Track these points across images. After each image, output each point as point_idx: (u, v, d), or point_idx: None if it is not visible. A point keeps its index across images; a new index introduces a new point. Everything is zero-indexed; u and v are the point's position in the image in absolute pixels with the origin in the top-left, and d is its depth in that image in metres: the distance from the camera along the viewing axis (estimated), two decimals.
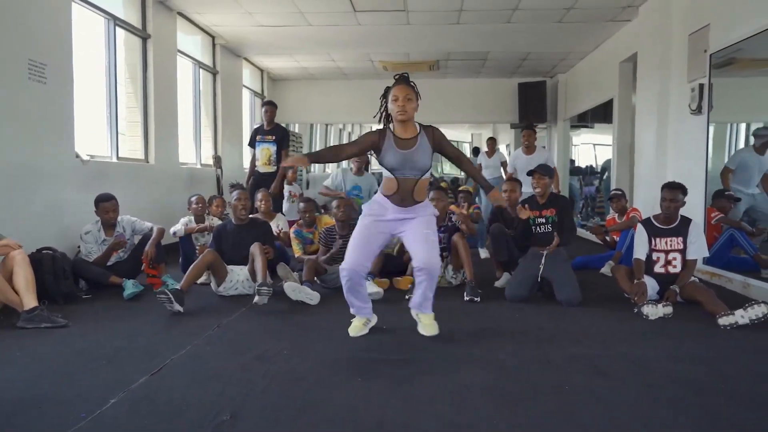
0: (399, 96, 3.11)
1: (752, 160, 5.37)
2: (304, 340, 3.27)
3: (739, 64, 5.34)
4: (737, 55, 5.11)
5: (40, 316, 3.48)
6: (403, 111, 3.10)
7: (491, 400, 2.38)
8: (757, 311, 3.53)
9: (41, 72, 4.56)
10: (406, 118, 3.13)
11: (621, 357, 2.99)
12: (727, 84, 5.44)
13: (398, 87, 3.14)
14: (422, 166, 3.17)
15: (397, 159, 3.14)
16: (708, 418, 2.22)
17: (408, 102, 3.11)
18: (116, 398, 2.37)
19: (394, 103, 3.13)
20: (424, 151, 3.17)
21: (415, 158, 3.14)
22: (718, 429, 2.13)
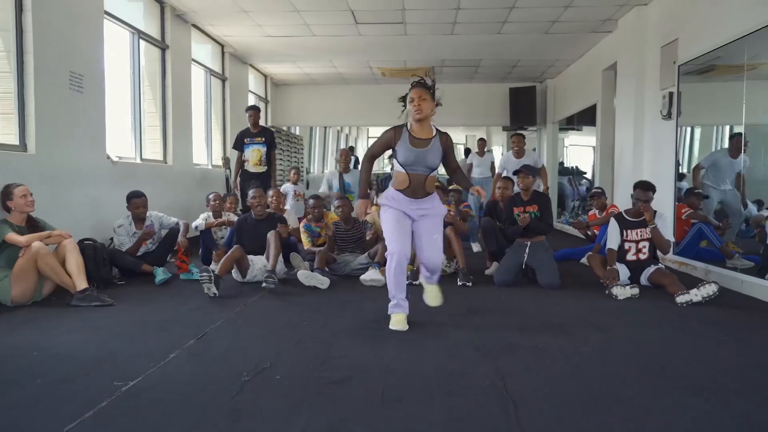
0: (415, 97, 3.41)
1: (724, 162, 5.70)
2: (320, 315, 3.83)
3: (718, 70, 5.87)
4: (716, 62, 5.57)
5: (91, 296, 4.02)
6: (419, 110, 3.39)
7: (478, 355, 2.94)
8: (708, 290, 4.12)
9: (79, 82, 5.11)
10: (421, 117, 3.42)
11: (587, 325, 3.57)
12: (711, 89, 5.97)
13: (414, 90, 3.45)
14: (432, 164, 3.48)
15: (409, 156, 3.43)
16: (652, 367, 2.78)
17: (423, 102, 3.39)
18: (174, 353, 2.92)
19: (410, 104, 3.44)
20: (435, 152, 3.47)
21: (427, 157, 3.45)
22: (660, 376, 2.68)
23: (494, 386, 2.48)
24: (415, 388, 2.47)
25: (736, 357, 2.99)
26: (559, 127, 11.78)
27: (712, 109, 5.98)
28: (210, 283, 4.31)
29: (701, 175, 5.92)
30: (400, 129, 3.50)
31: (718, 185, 5.80)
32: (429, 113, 3.45)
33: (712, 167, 5.79)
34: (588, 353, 2.99)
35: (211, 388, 2.46)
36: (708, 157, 6.12)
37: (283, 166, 10.41)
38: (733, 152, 5.50)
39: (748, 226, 5.55)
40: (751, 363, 2.88)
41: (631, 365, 2.80)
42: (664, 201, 5.75)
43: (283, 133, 11.01)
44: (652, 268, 4.76)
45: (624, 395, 2.41)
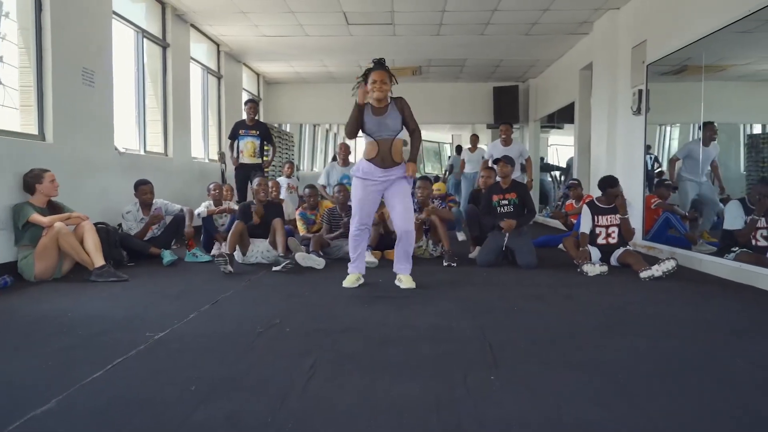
0: (377, 79, 3.93)
1: (697, 151, 5.86)
2: (319, 287, 4.25)
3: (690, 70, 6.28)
4: (689, 63, 5.91)
5: (108, 272, 4.39)
6: (381, 91, 3.94)
7: (461, 313, 3.37)
8: (668, 265, 4.59)
9: (91, 78, 5.47)
10: (381, 97, 3.97)
11: (559, 295, 4.01)
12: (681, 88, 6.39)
13: (377, 72, 3.96)
14: (394, 127, 4.01)
15: (373, 124, 4.01)
16: (615, 326, 3.22)
17: (383, 85, 3.94)
18: (193, 314, 3.31)
19: (372, 85, 3.94)
20: (393, 117, 4.02)
21: (387, 122, 4.00)
22: (615, 325, 3.13)
23: (474, 334, 2.91)
24: (407, 336, 2.89)
25: (680, 313, 3.44)
26: (541, 126, 12.28)
27: (680, 107, 6.43)
28: (226, 264, 4.71)
29: (678, 168, 6.14)
30: (363, 107, 4.03)
31: (694, 176, 5.96)
32: (387, 94, 4.01)
33: (688, 158, 6.01)
34: (555, 312, 3.44)
35: (231, 337, 2.87)
36: (683, 149, 6.36)
37: (275, 161, 10.78)
38: (705, 141, 5.71)
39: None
40: (693, 317, 3.33)
41: (590, 319, 3.25)
42: (634, 191, 6.24)
43: (274, 130, 11.38)
44: (621, 249, 5.22)
45: (582, 338, 2.85)
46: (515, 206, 5.41)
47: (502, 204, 5.43)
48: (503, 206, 5.42)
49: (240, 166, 7.42)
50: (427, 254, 5.87)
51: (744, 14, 4.55)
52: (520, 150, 7.48)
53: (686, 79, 6.36)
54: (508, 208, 5.41)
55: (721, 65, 5.78)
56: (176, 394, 2.09)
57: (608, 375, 2.31)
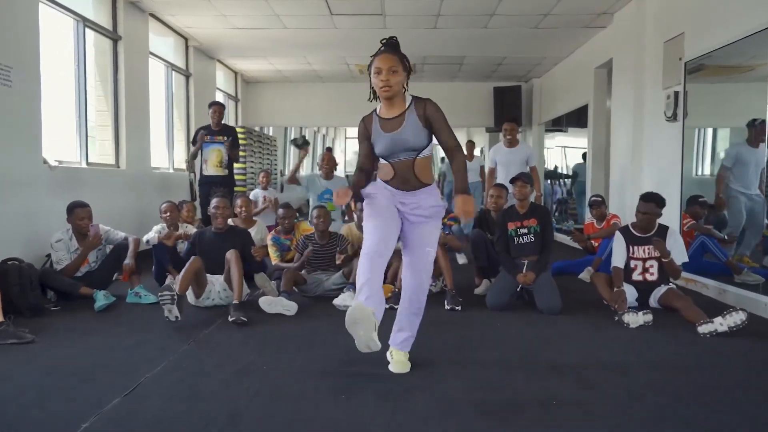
0: (382, 68, 2.60)
1: (747, 155, 5.06)
2: (284, 353, 3.20)
3: (708, 70, 5.39)
4: (706, 62, 5.16)
5: (6, 332, 3.32)
6: (387, 86, 2.61)
7: (477, 416, 2.33)
8: (735, 318, 3.57)
9: (7, 75, 4.42)
10: (391, 94, 2.64)
11: (604, 366, 2.98)
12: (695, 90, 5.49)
13: (382, 57, 2.62)
14: (413, 145, 2.68)
15: (385, 144, 2.71)
16: (689, 428, 2.20)
17: (393, 75, 2.60)
18: (88, 422, 2.26)
19: (376, 77, 2.63)
20: (413, 130, 2.67)
21: (403, 139, 2.67)
22: None
23: None
24: None
25: None
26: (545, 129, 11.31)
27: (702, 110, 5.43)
28: (172, 304, 3.66)
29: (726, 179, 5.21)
30: (369, 117, 2.81)
31: (746, 188, 5.12)
32: (400, 89, 2.66)
33: (737, 165, 5.12)
34: (613, 410, 2.40)
35: None
36: (729, 155, 5.42)
37: (254, 169, 9.73)
38: (753, 141, 4.88)
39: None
40: None
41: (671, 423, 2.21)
42: (669, 211, 5.21)
43: (254, 133, 10.32)
44: (663, 288, 4.21)
45: None
46: (536, 235, 4.38)
47: (521, 233, 4.40)
48: (522, 236, 4.40)
49: (204, 178, 6.39)
50: None
51: None
52: (527, 154, 6.40)
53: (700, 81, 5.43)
54: (527, 238, 4.38)
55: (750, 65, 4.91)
56: None
57: None
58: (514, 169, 6.03)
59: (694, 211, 5.39)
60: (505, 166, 6.17)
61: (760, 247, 4.92)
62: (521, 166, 6.20)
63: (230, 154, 6.47)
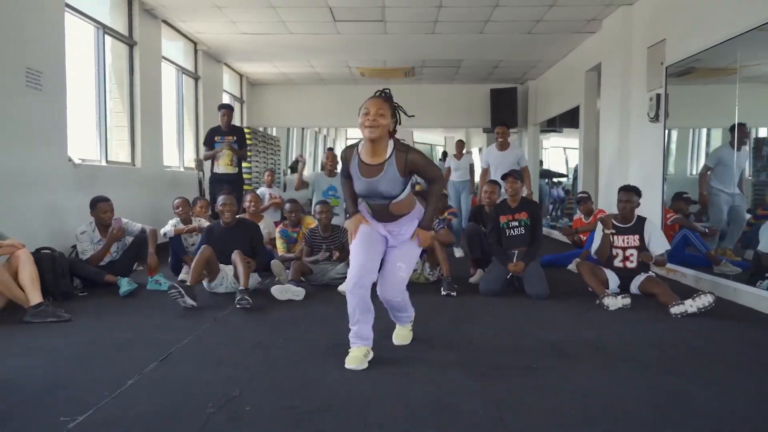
0: (371, 109, 2.66)
1: (729, 157, 5.30)
2: (295, 331, 3.56)
3: (698, 73, 5.73)
4: (696, 65, 5.46)
5: (46, 311, 3.69)
6: (373, 125, 2.64)
7: (469, 380, 2.69)
8: (704, 300, 3.94)
9: (37, 79, 4.77)
10: (375, 136, 2.67)
11: (583, 342, 3.35)
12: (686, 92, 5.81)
13: (373, 101, 2.69)
14: (389, 194, 2.79)
15: (361, 187, 2.83)
16: (658, 393, 2.56)
17: (380, 117, 2.65)
18: (133, 380, 2.63)
19: (364, 117, 2.67)
20: (389, 181, 2.74)
21: (380, 188, 2.76)
22: (668, 403, 2.47)
23: (489, 418, 2.24)
24: (400, 420, 2.22)
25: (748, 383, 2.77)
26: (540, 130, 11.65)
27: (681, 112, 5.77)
28: (182, 296, 4.02)
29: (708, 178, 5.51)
30: (351, 150, 2.87)
31: (726, 187, 5.39)
32: (384, 133, 2.69)
33: (719, 165, 5.42)
34: (587, 375, 2.77)
35: (171, 422, 2.19)
36: (712, 156, 5.74)
37: (259, 168, 10.09)
38: (734, 143, 5.15)
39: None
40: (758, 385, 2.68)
41: (632, 390, 2.58)
42: (652, 206, 5.59)
43: (259, 134, 10.68)
44: (643, 276, 4.58)
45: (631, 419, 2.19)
46: (527, 228, 4.75)
47: (512, 226, 4.77)
48: (513, 228, 4.76)
49: (214, 176, 6.77)
50: (423, 278, 5.21)
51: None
52: (518, 156, 6.80)
53: (690, 83, 5.78)
54: (518, 230, 4.75)
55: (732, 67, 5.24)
56: None
57: None
58: (505, 169, 6.41)
59: (679, 206, 5.72)
60: (497, 168, 6.54)
61: (739, 242, 5.27)
62: (512, 167, 6.57)
63: (236, 153, 6.84)
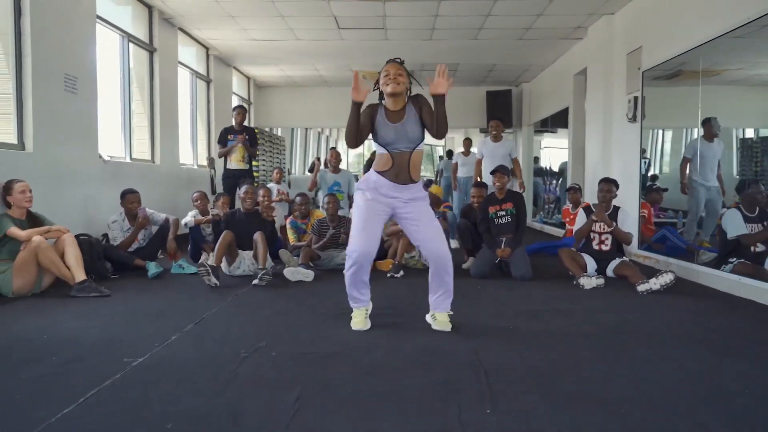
0: (391, 71, 3.18)
1: (704, 148, 5.54)
2: (308, 303, 4.11)
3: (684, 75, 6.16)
4: (682, 68, 5.85)
5: (90, 287, 4.24)
6: (396, 81, 3.13)
7: (455, 335, 3.24)
8: (666, 279, 4.48)
9: (74, 84, 5.31)
10: (398, 90, 3.15)
11: (554, 311, 3.89)
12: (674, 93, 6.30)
13: (391, 65, 3.22)
14: (414, 137, 3.18)
15: (389, 133, 3.18)
16: (615, 349, 3.09)
17: (400, 77, 3.16)
18: (175, 335, 3.17)
19: (385, 78, 3.18)
20: (413, 122, 3.19)
21: (407, 130, 3.17)
22: (621, 357, 3.01)
23: (468, 359, 2.78)
24: (396, 361, 2.76)
25: (678, 331, 3.32)
26: (535, 130, 12.17)
27: (674, 112, 6.33)
28: (209, 275, 4.56)
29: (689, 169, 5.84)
30: (375, 106, 3.27)
31: (704, 179, 5.69)
32: (404, 90, 3.21)
33: (696, 157, 5.70)
34: (552, 332, 3.31)
35: (213, 363, 2.72)
36: (689, 147, 6.01)
37: (266, 166, 10.63)
38: (708, 136, 5.47)
39: None
40: (691, 336, 3.22)
41: (588, 341, 3.12)
42: (629, 200, 6.13)
43: (266, 134, 11.23)
44: (617, 260, 5.11)
45: (581, 365, 2.72)
46: (513, 216, 5.30)
47: (500, 215, 5.31)
48: (501, 218, 5.31)
49: (228, 172, 7.29)
50: (420, 264, 5.75)
51: (743, 22, 4.45)
52: (509, 147, 7.33)
53: (679, 84, 6.26)
54: (505, 219, 5.30)
55: (715, 70, 5.70)
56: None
57: (610, 407, 2.19)
58: (498, 160, 7.00)
59: (653, 198, 6.22)
60: (491, 158, 7.12)
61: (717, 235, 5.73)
62: (504, 157, 7.14)
63: (247, 150, 7.35)
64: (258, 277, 4.70)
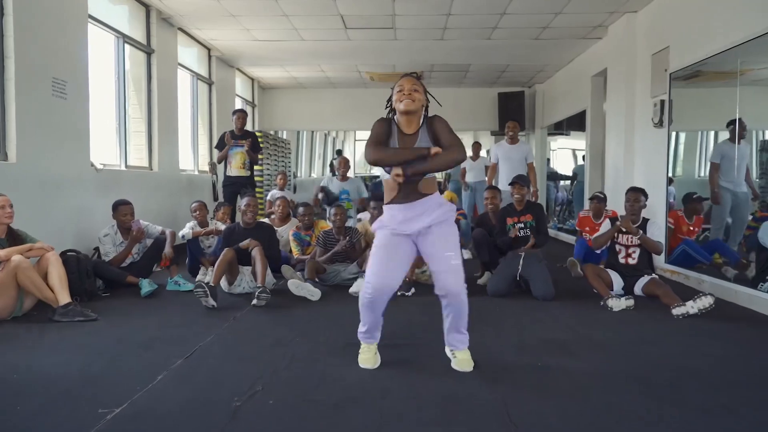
0: (405, 86, 2.81)
1: (731, 151, 5.32)
2: (312, 329, 3.73)
3: (704, 76, 5.79)
4: (702, 69, 5.51)
5: (74, 311, 3.88)
6: (410, 99, 2.78)
7: (478, 376, 2.85)
8: (704, 302, 4.08)
9: (62, 89, 4.97)
10: (412, 108, 2.80)
11: (585, 340, 3.51)
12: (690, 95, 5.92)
13: (406, 79, 2.86)
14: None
15: None
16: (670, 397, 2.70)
17: (415, 93, 2.80)
18: (161, 375, 2.80)
19: (399, 93, 2.82)
20: (425, 145, 2.82)
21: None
22: (666, 400, 2.63)
23: (495, 410, 2.40)
24: (411, 413, 2.39)
25: (740, 375, 2.93)
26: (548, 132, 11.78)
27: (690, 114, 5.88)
28: (206, 296, 4.21)
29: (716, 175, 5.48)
30: (389, 122, 2.92)
31: (731, 183, 5.38)
32: (419, 107, 2.84)
33: (723, 161, 5.42)
34: (590, 373, 2.92)
35: (200, 414, 2.36)
36: (716, 152, 5.73)
37: (270, 171, 10.28)
38: (734, 139, 5.24)
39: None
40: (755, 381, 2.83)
41: (630, 384, 2.73)
42: (656, 208, 5.74)
43: (270, 137, 10.88)
44: (646, 278, 4.72)
45: (634, 419, 2.34)
46: (532, 229, 4.92)
47: (518, 227, 4.93)
48: (519, 230, 4.93)
49: (228, 179, 6.97)
50: (431, 280, 5.35)
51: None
52: (526, 151, 7.04)
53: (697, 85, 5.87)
54: (524, 231, 4.92)
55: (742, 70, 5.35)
56: None
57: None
58: (514, 163, 6.70)
59: (693, 207, 5.62)
60: (507, 161, 6.88)
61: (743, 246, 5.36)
62: (521, 161, 6.82)
63: (250, 157, 7.02)
64: (256, 297, 4.35)
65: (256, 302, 4.33)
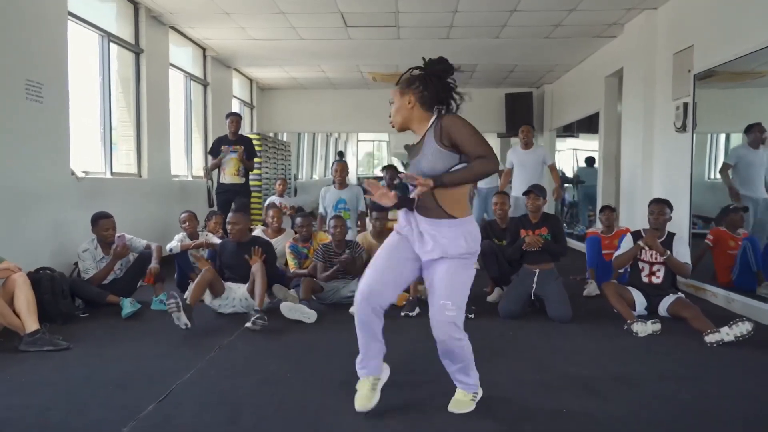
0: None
1: (750, 156, 5.03)
2: (306, 361, 3.35)
3: (720, 76, 5.43)
4: (718, 69, 5.16)
5: (43, 339, 3.50)
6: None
7: (493, 426, 2.46)
8: (742, 329, 3.67)
9: (38, 92, 4.59)
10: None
11: (613, 377, 3.11)
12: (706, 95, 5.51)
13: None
14: (429, 169, 2.39)
15: (411, 170, 2.54)
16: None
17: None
18: (127, 428, 2.42)
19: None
20: (430, 158, 2.42)
21: (421, 167, 2.43)
22: None
23: None
24: None
25: None
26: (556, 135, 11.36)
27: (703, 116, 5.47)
28: (179, 311, 3.77)
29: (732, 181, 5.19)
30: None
31: (750, 191, 5.08)
32: (405, 116, 2.51)
33: (740, 164, 5.13)
34: (624, 420, 2.53)
35: None
36: (732, 154, 5.46)
37: (269, 175, 9.90)
38: (753, 143, 4.96)
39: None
40: None
41: None
42: (679, 219, 5.31)
43: (269, 139, 10.50)
44: (672, 297, 4.32)
45: None
46: (546, 243, 4.52)
47: None
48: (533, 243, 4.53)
49: (221, 186, 6.60)
50: None
51: None
52: (542, 154, 6.73)
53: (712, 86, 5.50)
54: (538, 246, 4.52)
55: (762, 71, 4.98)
56: None
57: None
58: (529, 169, 6.40)
59: (732, 220, 5.06)
60: (521, 167, 6.57)
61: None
62: (537, 165, 6.50)
63: (244, 164, 6.66)
64: (251, 321, 3.96)
65: (251, 326, 3.94)
